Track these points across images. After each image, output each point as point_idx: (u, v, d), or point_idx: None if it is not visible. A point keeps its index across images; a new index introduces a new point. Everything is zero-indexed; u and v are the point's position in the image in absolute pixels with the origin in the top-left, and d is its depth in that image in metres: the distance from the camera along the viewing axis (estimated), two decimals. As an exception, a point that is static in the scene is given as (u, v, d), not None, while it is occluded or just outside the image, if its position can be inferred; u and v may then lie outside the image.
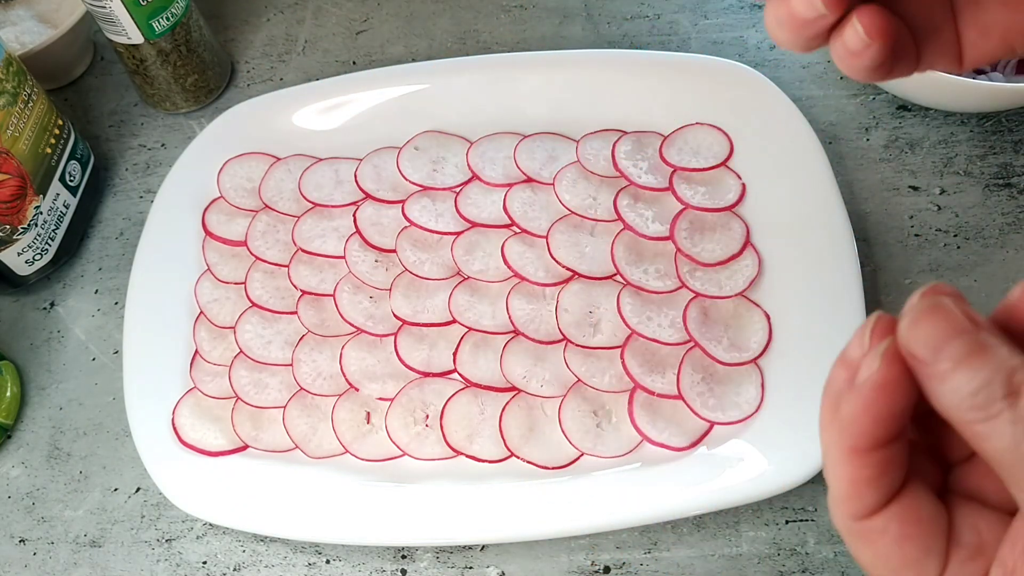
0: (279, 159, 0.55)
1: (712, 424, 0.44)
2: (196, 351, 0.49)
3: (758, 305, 0.47)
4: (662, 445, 0.44)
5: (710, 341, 0.46)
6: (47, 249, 0.53)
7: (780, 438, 0.42)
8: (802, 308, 0.46)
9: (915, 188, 0.52)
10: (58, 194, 0.53)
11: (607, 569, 0.43)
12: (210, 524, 0.46)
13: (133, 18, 0.53)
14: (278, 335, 0.49)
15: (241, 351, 0.49)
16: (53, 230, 0.53)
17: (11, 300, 0.54)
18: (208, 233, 0.53)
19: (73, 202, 0.55)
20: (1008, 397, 0.19)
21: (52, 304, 0.54)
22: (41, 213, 0.51)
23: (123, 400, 0.48)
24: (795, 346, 0.45)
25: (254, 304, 0.50)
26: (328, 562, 0.45)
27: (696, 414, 0.44)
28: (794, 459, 0.41)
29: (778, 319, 0.46)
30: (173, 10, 0.54)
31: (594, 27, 0.62)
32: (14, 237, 0.50)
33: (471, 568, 0.44)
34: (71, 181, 0.54)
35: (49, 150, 0.52)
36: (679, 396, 0.45)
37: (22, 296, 0.55)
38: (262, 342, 0.49)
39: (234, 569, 0.45)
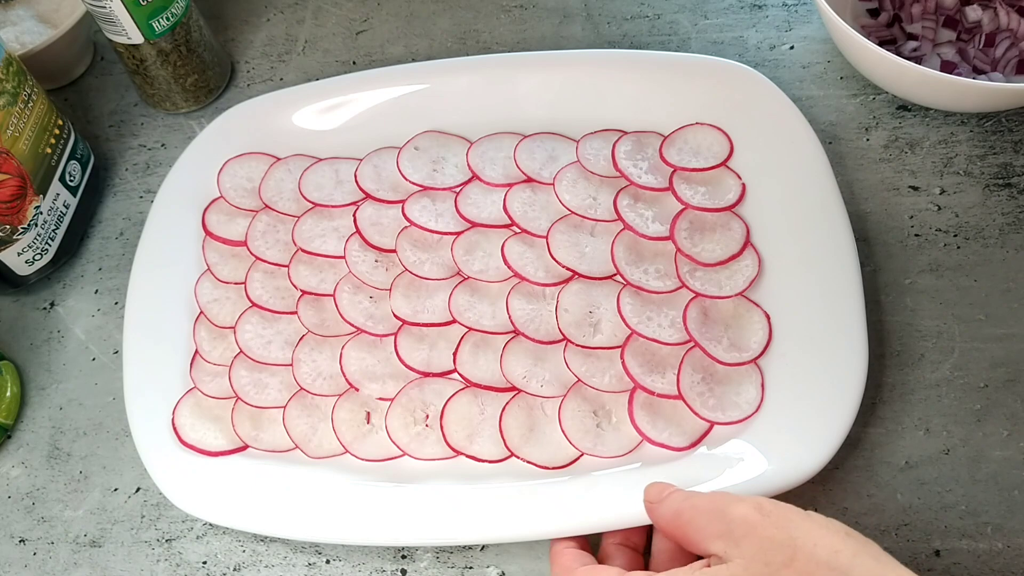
0: (279, 159, 0.55)
1: (712, 424, 0.44)
2: (196, 351, 0.49)
3: (758, 305, 0.47)
4: (662, 445, 0.43)
5: (710, 341, 0.46)
6: (47, 249, 0.53)
7: (780, 438, 0.42)
8: (802, 308, 0.46)
9: (915, 188, 0.52)
10: (58, 194, 0.53)
11: (607, 569, 0.43)
12: (210, 524, 0.46)
13: (133, 18, 0.53)
14: (278, 335, 0.49)
15: (241, 351, 0.49)
16: (53, 230, 0.53)
17: (11, 300, 0.55)
18: (208, 233, 0.53)
19: (73, 202, 0.55)
20: (673, 494, 0.37)
21: (52, 304, 0.54)
22: (41, 213, 0.51)
23: (123, 400, 0.48)
24: (795, 346, 0.45)
25: (254, 304, 0.50)
26: (328, 562, 0.45)
27: (696, 414, 0.44)
28: (794, 459, 0.41)
29: (778, 319, 0.46)
30: (173, 10, 0.54)
31: (594, 27, 0.62)
32: (14, 237, 0.50)
33: (471, 568, 0.44)
34: (71, 181, 0.54)
35: (49, 150, 0.52)
36: (679, 396, 0.44)
37: (22, 296, 0.55)
38: (262, 342, 0.49)
39: (234, 569, 0.45)
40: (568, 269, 0.49)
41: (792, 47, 0.59)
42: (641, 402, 0.45)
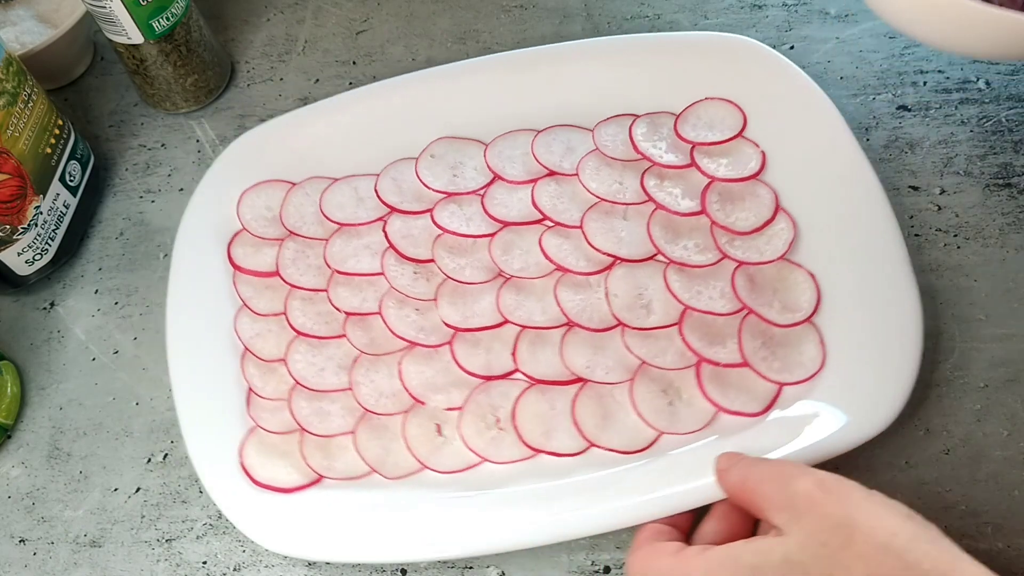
0: (295, 184, 0.54)
1: (781, 386, 0.44)
2: (249, 388, 0.48)
3: (800, 266, 0.47)
4: (737, 413, 0.44)
5: (762, 306, 0.46)
6: (47, 249, 0.53)
7: (851, 390, 0.43)
8: (845, 261, 0.46)
9: (915, 188, 0.52)
10: (58, 194, 0.53)
11: (607, 569, 0.43)
12: (210, 524, 0.46)
13: (133, 18, 0.53)
14: (329, 360, 0.48)
15: (296, 382, 0.48)
16: (53, 230, 0.53)
17: (11, 300, 0.54)
18: (237, 267, 0.51)
19: (73, 202, 0.54)
20: (741, 461, 0.38)
21: (52, 304, 0.54)
22: (41, 213, 0.51)
23: (123, 400, 0.48)
24: (845, 299, 0.45)
25: (299, 333, 0.49)
26: (328, 562, 0.44)
27: (764, 378, 0.44)
28: (868, 408, 0.42)
29: (823, 276, 0.46)
30: (173, 10, 0.54)
31: (594, 27, 0.62)
32: (14, 237, 0.50)
33: (471, 568, 0.44)
34: (71, 181, 0.54)
35: (49, 150, 0.52)
36: (744, 363, 0.45)
37: (22, 296, 0.54)
38: (315, 370, 0.48)
39: (234, 569, 0.45)
40: (608, 255, 0.49)
41: (792, 47, 0.59)
42: (708, 375, 0.45)
